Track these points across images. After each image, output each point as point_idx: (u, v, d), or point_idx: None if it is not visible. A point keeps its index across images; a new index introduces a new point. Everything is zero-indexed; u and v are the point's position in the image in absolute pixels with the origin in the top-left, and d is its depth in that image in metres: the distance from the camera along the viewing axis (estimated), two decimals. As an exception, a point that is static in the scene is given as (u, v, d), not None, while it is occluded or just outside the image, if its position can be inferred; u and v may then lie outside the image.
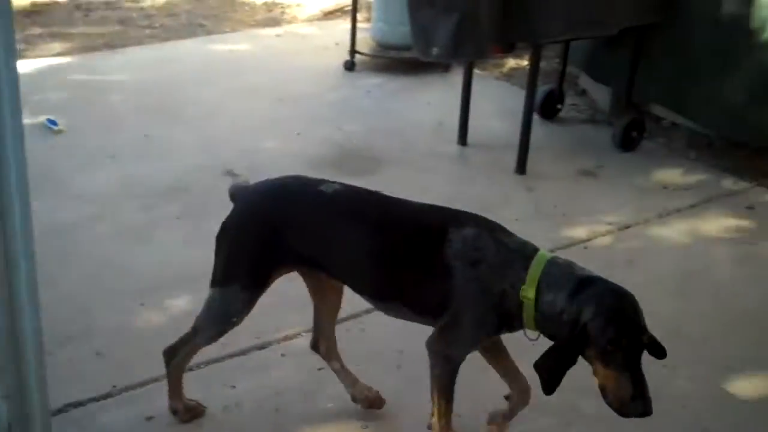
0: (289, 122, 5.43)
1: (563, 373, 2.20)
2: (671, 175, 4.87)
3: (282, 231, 2.49)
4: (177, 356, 2.70)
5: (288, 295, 3.02)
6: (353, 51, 6.31)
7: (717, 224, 4.31)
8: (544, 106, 5.51)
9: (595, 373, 2.17)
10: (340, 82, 6.22)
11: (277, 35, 7.25)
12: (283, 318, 3.30)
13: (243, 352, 3.14)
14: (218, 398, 2.90)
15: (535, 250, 2.35)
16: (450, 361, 2.43)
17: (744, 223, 4.34)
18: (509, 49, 5.22)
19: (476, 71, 5.38)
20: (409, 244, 2.43)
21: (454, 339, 2.41)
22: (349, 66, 6.35)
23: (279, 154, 4.90)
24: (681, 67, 4.98)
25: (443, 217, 2.44)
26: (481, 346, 2.52)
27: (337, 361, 2.83)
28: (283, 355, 3.14)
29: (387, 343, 3.18)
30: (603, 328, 2.12)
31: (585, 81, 6.01)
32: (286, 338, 3.21)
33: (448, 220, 2.40)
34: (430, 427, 2.57)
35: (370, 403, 2.84)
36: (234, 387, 2.97)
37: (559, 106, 5.60)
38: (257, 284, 2.55)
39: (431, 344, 2.44)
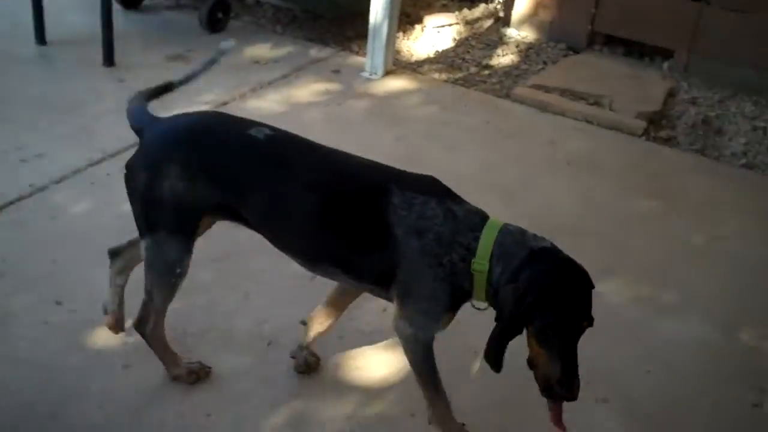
0: None
1: (505, 347, 2.05)
2: (261, 50, 5.01)
3: (205, 177, 2.19)
4: (148, 325, 2.38)
5: None
6: None
7: (308, 90, 4.54)
8: (124, -5, 5.30)
9: (528, 344, 2.03)
10: None
11: None
12: None
13: None
14: None
15: (485, 218, 2.16)
16: (418, 342, 2.23)
17: (331, 86, 4.62)
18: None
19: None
20: (346, 204, 2.17)
21: (414, 313, 2.19)
22: None
23: None
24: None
25: (386, 177, 2.19)
26: (444, 325, 2.24)
27: (125, 278, 2.57)
28: None
29: (44, 233, 2.95)
30: (545, 312, 1.97)
31: (164, -33, 5.85)
32: None
33: (391, 181, 2.16)
34: (430, 421, 2.34)
35: (116, 324, 2.63)
36: None
37: (141, -5, 5.42)
38: (185, 231, 2.27)
39: (395, 324, 2.24)
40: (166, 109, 2.40)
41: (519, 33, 5.49)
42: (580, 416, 2.27)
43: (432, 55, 5.14)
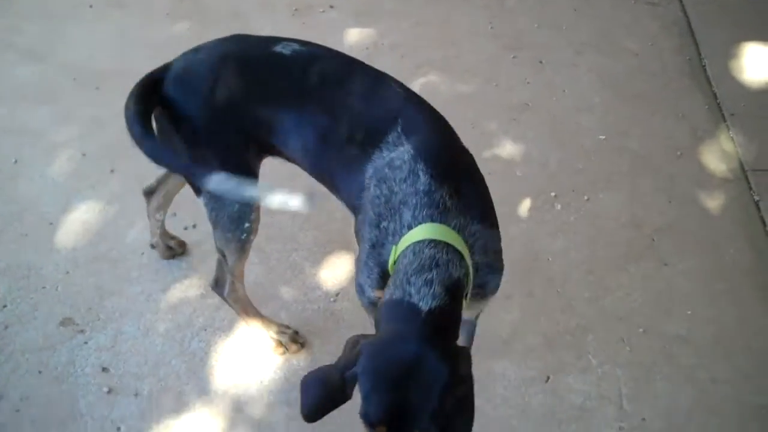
0: None
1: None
2: None
3: (245, 112, 2.01)
4: (225, 288, 2.41)
5: None
6: None
7: None
8: None
9: None
10: None
11: None
12: None
13: None
14: None
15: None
16: (362, 293, 1.95)
17: None
18: None
19: None
20: (357, 128, 1.94)
21: (358, 265, 1.94)
22: None
23: None
24: None
25: (399, 109, 1.93)
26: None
27: (163, 213, 2.72)
28: None
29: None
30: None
31: None
32: None
33: (401, 115, 1.90)
34: None
35: (173, 251, 2.86)
36: None
37: None
38: (245, 174, 2.04)
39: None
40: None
41: None
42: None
43: None
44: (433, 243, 1.70)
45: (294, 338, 2.64)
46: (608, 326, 2.80)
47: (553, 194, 3.24)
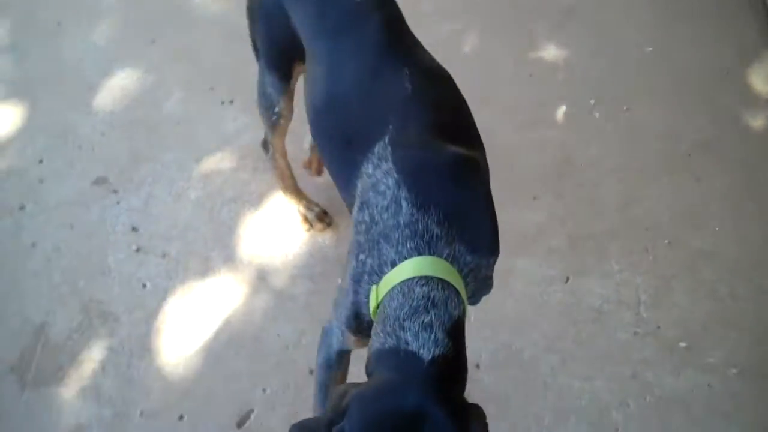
0: None
1: None
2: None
3: (292, 22, 1.97)
4: (269, 151, 2.50)
5: None
6: None
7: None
8: None
9: None
10: None
11: None
12: None
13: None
14: None
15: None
16: (325, 333, 1.76)
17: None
18: None
19: None
20: (351, 127, 1.72)
21: (337, 299, 1.71)
22: None
23: None
24: None
25: (388, 113, 1.65)
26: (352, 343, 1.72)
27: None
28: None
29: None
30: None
31: None
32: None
33: (386, 121, 1.64)
34: None
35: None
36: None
37: None
38: (281, 72, 2.14)
39: None
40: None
41: None
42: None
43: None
44: (425, 280, 1.45)
45: (320, 216, 2.67)
46: (634, 235, 2.80)
47: (592, 102, 3.20)
